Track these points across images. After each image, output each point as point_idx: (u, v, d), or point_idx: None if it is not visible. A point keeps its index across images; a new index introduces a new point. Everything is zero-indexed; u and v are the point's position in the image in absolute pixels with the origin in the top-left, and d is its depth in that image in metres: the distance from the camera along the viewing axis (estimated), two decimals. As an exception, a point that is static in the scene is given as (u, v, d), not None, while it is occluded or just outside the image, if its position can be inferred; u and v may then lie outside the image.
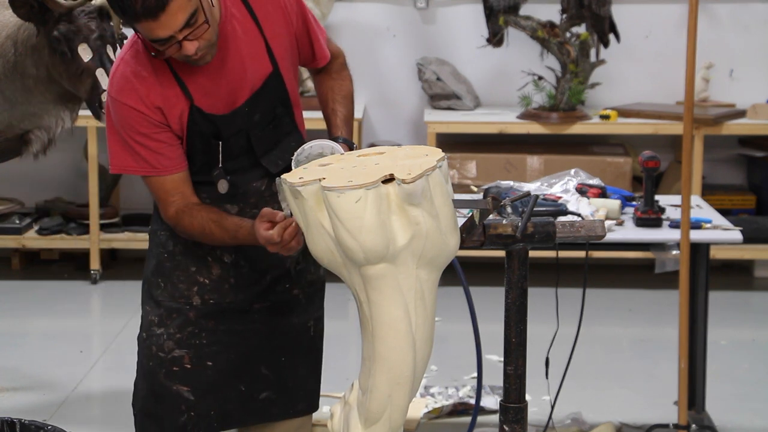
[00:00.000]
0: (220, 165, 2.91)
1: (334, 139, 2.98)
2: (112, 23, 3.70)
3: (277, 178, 2.63)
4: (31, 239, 6.14)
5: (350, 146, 2.97)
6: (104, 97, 3.57)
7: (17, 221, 6.15)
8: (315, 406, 3.20)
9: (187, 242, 3.00)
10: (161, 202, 2.90)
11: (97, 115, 3.63)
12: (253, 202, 2.98)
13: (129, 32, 4.43)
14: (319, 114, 3.22)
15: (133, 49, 2.84)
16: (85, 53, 3.62)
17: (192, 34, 2.70)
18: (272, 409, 3.10)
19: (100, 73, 3.61)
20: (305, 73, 6.21)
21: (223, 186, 2.93)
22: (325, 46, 3.10)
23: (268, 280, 3.03)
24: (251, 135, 2.94)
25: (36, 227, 6.18)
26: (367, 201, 2.45)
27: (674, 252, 3.93)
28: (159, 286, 3.05)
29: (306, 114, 6.51)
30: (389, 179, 2.47)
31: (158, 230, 3.05)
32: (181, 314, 3.04)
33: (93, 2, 3.67)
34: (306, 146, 2.86)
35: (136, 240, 6.15)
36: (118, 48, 3.73)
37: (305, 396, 3.15)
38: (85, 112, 3.91)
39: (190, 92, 2.85)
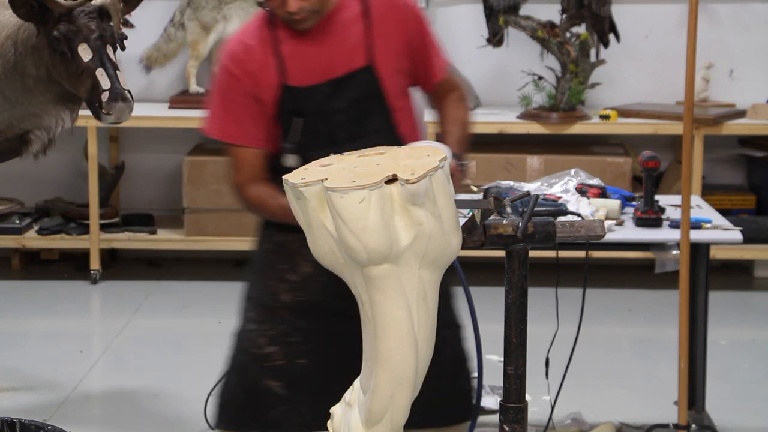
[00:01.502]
0: (296, 140, 3.04)
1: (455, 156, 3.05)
2: (112, 23, 3.69)
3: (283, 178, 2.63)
4: (31, 239, 6.14)
5: (459, 162, 3.06)
6: (104, 96, 3.58)
7: (17, 221, 6.15)
8: (438, 421, 3.13)
9: (277, 240, 3.11)
10: (233, 169, 3.08)
11: (97, 115, 3.63)
12: None
13: (129, 32, 4.43)
14: None
15: (251, 23, 3.09)
16: (85, 53, 3.62)
17: None
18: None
19: (100, 73, 3.61)
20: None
21: (291, 160, 3.04)
22: (440, 68, 3.17)
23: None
24: (331, 120, 3.04)
25: (36, 227, 6.18)
26: (370, 201, 2.45)
27: (674, 252, 3.93)
28: (254, 282, 3.20)
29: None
30: (392, 179, 2.47)
31: (259, 227, 3.20)
32: (274, 312, 3.13)
33: (93, 2, 3.67)
34: (414, 144, 3.00)
35: (136, 240, 6.15)
36: (118, 48, 3.74)
37: (421, 409, 2.90)
38: (85, 112, 3.91)
39: (286, 67, 3.01)
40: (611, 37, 5.98)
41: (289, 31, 3.05)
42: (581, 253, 3.39)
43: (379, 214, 2.46)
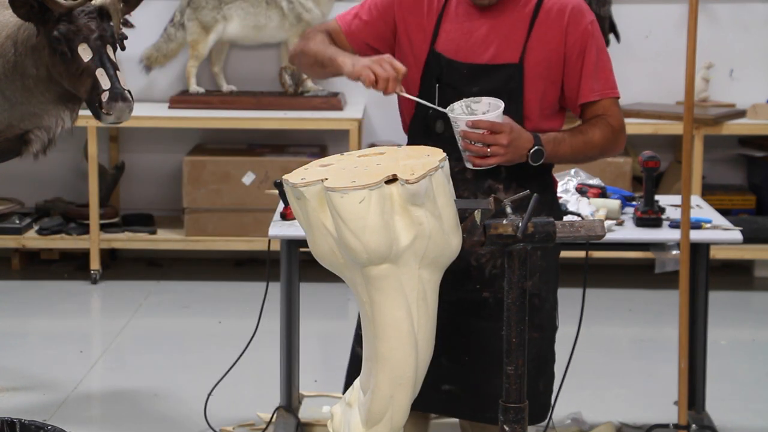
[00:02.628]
0: (437, 106, 3.07)
1: (536, 137, 3.01)
2: (112, 23, 3.69)
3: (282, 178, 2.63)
4: (31, 239, 6.14)
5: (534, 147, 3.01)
6: (104, 96, 3.58)
7: (17, 221, 6.15)
8: None
9: None
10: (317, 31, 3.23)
11: (97, 115, 3.63)
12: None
13: (129, 32, 4.43)
14: (321, 114, 3.25)
15: None
16: (85, 53, 3.62)
17: None
18: (457, 405, 3.12)
19: (100, 73, 3.61)
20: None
21: (440, 126, 3.10)
22: (589, 89, 3.07)
23: (450, 273, 2.96)
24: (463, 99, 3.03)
25: (36, 227, 6.18)
26: (370, 201, 2.45)
27: (674, 252, 3.93)
28: None
29: (306, 114, 6.52)
30: (392, 179, 2.47)
31: None
32: None
33: (93, 2, 3.67)
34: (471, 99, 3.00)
35: (136, 240, 6.15)
36: (118, 48, 3.74)
37: (494, 405, 2.95)
38: (85, 112, 3.91)
39: (439, 33, 3.08)
40: (611, 37, 5.97)
41: (465, 8, 3.09)
42: (581, 253, 3.39)
43: (379, 214, 2.46)
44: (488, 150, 2.94)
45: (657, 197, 4.10)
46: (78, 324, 5.65)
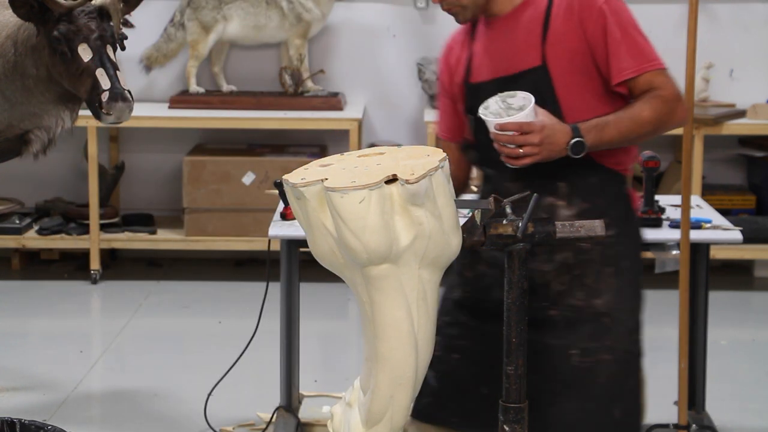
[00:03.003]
0: (470, 138, 3.08)
1: (574, 129, 2.90)
2: (112, 23, 3.69)
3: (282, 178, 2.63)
4: (31, 239, 6.14)
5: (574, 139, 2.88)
6: (104, 96, 3.58)
7: (17, 221, 6.15)
8: None
9: None
10: None
11: (97, 115, 3.63)
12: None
13: (129, 32, 4.43)
14: (321, 114, 3.22)
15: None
16: (85, 53, 3.62)
17: None
18: None
19: (100, 73, 3.61)
20: (305, 72, 6.22)
21: (471, 155, 3.12)
22: (619, 69, 2.93)
23: None
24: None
25: (36, 227, 6.18)
26: (370, 201, 2.44)
27: (674, 252, 3.93)
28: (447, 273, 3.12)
29: (306, 114, 6.52)
30: (392, 179, 2.47)
31: None
32: (445, 302, 3.10)
33: (93, 2, 3.67)
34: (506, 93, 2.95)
35: (136, 240, 6.15)
36: (118, 48, 3.74)
37: (566, 429, 2.95)
38: (85, 112, 3.91)
39: (472, 64, 3.06)
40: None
41: (484, 26, 3.06)
42: (581, 253, 3.39)
43: (379, 214, 2.46)
44: (520, 151, 2.86)
45: (657, 197, 4.10)
46: (78, 324, 5.65)
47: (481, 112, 2.92)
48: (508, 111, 2.92)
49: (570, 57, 2.95)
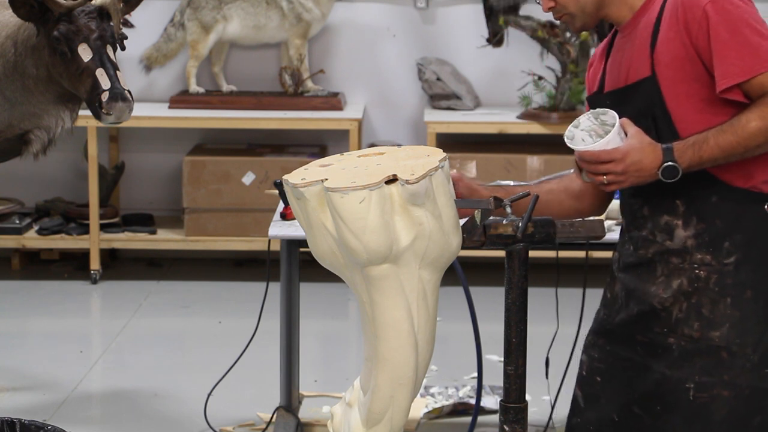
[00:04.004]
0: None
1: (666, 151, 2.66)
2: (112, 23, 3.70)
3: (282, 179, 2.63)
4: (31, 239, 6.14)
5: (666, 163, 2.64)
6: (104, 97, 3.58)
7: (17, 221, 6.15)
8: None
9: (613, 256, 3.01)
10: None
11: (97, 115, 3.63)
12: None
13: (129, 32, 4.43)
14: (321, 114, 3.19)
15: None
16: (85, 53, 3.62)
17: None
18: None
19: (100, 73, 3.61)
20: (305, 72, 6.22)
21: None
22: (724, 74, 2.63)
23: (635, 311, 2.84)
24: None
25: (36, 227, 6.18)
26: (370, 201, 2.44)
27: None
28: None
29: (306, 114, 6.52)
30: (392, 179, 2.47)
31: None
32: (594, 322, 3.00)
33: (93, 2, 3.67)
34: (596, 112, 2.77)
35: (136, 240, 6.15)
36: (118, 48, 3.74)
37: None
38: (85, 112, 3.91)
39: (605, 75, 2.88)
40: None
41: (618, 35, 2.88)
42: (581, 253, 3.39)
43: (379, 215, 2.45)
44: (604, 179, 2.67)
45: (657, 197, 4.09)
46: (78, 324, 5.65)
47: (568, 132, 2.77)
48: (603, 127, 2.75)
49: (679, 65, 2.69)
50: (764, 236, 2.71)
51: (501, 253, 2.94)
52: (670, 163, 2.62)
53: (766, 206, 2.71)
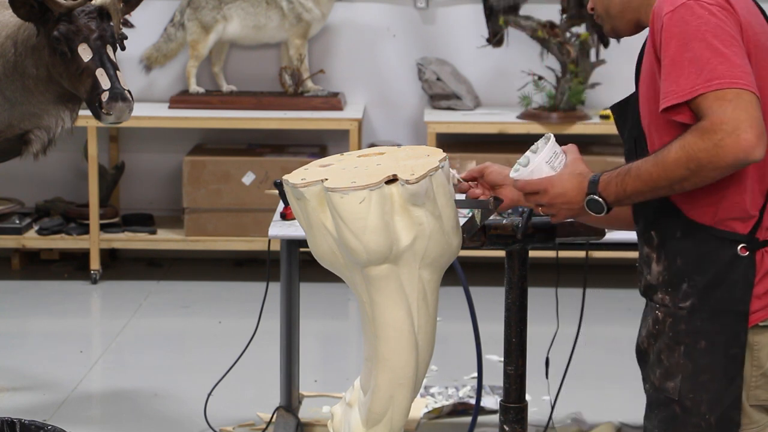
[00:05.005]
0: None
1: (591, 183, 2.44)
2: (112, 23, 3.70)
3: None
4: (31, 239, 6.14)
5: (591, 188, 2.43)
6: (104, 97, 3.58)
7: (17, 221, 6.15)
8: None
9: None
10: None
11: (97, 115, 3.63)
12: None
13: (129, 32, 4.43)
14: (321, 114, 3.13)
15: None
16: (85, 53, 3.62)
17: None
18: None
19: (100, 73, 3.61)
20: (305, 72, 6.22)
21: None
22: (665, 94, 2.32)
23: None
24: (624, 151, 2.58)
25: (36, 227, 6.18)
26: (371, 202, 2.44)
27: (674, 252, 3.92)
28: None
29: (306, 114, 6.52)
30: (392, 180, 2.47)
31: None
32: None
33: (93, 2, 3.67)
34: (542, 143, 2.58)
35: (136, 240, 6.15)
36: (118, 48, 3.74)
37: None
38: (85, 112, 3.91)
39: None
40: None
41: None
42: (581, 253, 3.39)
43: (379, 215, 2.45)
44: (539, 209, 2.52)
45: (657, 197, 4.08)
46: (78, 324, 5.65)
47: (522, 159, 2.58)
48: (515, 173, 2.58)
49: (650, 81, 2.42)
50: (726, 282, 2.39)
51: (501, 253, 2.95)
52: (592, 196, 2.41)
53: (739, 248, 2.38)
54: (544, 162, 2.51)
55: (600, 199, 2.40)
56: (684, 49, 2.30)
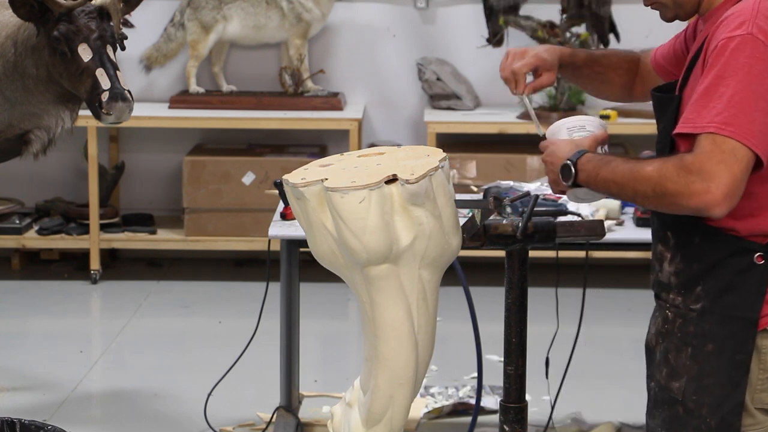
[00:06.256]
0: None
1: (576, 154, 2.53)
2: (112, 23, 3.70)
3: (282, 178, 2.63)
4: (31, 239, 6.14)
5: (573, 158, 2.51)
6: (104, 97, 3.58)
7: (17, 221, 6.15)
8: None
9: None
10: None
11: (97, 115, 3.63)
12: None
13: (129, 32, 4.43)
14: (321, 114, 3.13)
15: None
16: (85, 53, 3.62)
17: None
18: None
19: (100, 73, 3.61)
20: (305, 72, 6.22)
21: None
22: (685, 120, 2.34)
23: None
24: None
25: (36, 227, 6.18)
26: (370, 201, 2.44)
27: (674, 252, 3.92)
28: None
29: (306, 114, 6.52)
30: (392, 179, 2.47)
31: None
32: None
33: (93, 2, 3.67)
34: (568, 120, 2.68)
35: (136, 240, 6.15)
36: (118, 48, 3.74)
37: None
38: (85, 112, 3.91)
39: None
40: (611, 37, 5.97)
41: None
42: (581, 253, 3.39)
43: (379, 215, 2.46)
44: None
45: (657, 197, 4.08)
46: (78, 324, 5.65)
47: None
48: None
49: (691, 92, 2.41)
50: (740, 288, 2.42)
51: (501, 253, 2.95)
52: (568, 162, 2.49)
53: (755, 257, 2.41)
54: (566, 128, 2.64)
55: (573, 170, 2.48)
56: (720, 82, 2.30)
